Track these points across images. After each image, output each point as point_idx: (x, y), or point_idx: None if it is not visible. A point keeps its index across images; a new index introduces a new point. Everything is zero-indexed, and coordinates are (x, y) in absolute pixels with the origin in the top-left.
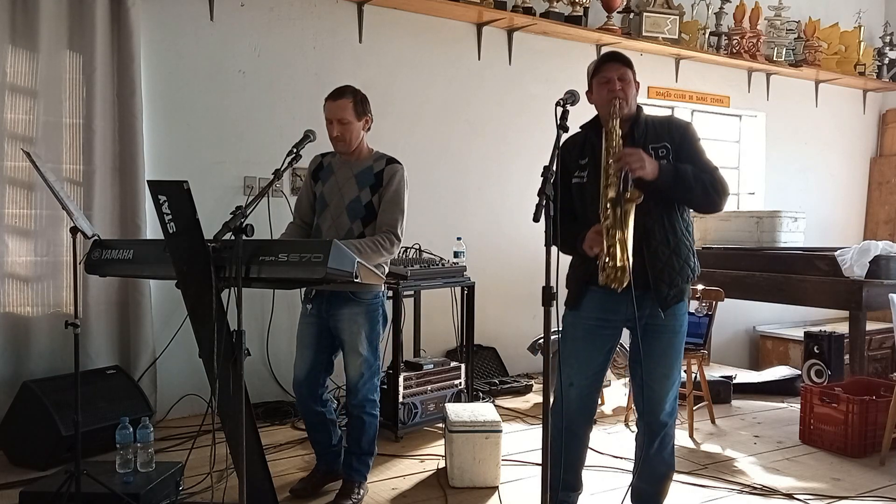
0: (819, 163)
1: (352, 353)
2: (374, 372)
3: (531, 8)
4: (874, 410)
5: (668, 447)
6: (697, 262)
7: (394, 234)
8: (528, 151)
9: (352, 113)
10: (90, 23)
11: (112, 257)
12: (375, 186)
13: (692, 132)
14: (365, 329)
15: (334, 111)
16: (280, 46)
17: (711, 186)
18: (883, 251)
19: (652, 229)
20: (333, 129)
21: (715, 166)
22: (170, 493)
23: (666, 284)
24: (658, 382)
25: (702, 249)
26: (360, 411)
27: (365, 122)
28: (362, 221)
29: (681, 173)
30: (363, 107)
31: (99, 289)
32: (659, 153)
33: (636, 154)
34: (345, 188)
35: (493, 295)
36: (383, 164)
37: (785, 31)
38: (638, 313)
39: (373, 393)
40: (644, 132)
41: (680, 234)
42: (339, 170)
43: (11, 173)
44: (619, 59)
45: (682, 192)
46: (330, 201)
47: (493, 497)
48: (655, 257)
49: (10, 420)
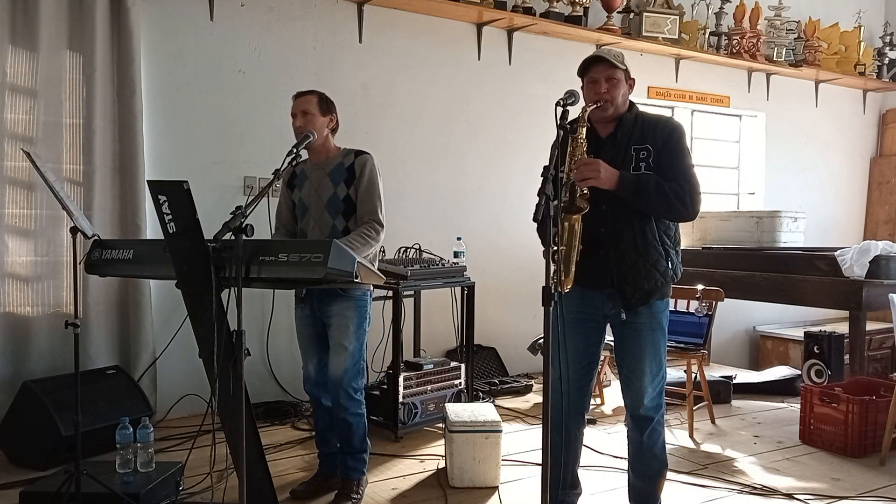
0: (819, 163)
1: (337, 347)
2: (358, 369)
3: (531, 8)
4: (874, 410)
5: (658, 443)
6: (674, 265)
7: (376, 221)
8: (528, 151)
9: (315, 107)
10: (90, 23)
11: (112, 257)
12: (349, 180)
13: (677, 135)
14: (353, 324)
15: (299, 105)
16: (280, 46)
17: (676, 197)
18: (883, 251)
19: (621, 232)
20: (297, 121)
21: (691, 174)
22: (170, 493)
23: (630, 287)
24: (638, 378)
25: (702, 249)
26: (344, 413)
27: (329, 121)
28: (344, 216)
29: (641, 185)
30: (328, 105)
31: (99, 289)
32: (640, 155)
33: (592, 165)
34: (321, 189)
35: (493, 295)
36: (353, 157)
37: (785, 31)
38: (613, 310)
39: (356, 391)
40: (629, 133)
41: (650, 239)
42: (312, 173)
43: (11, 173)
44: (607, 60)
45: (643, 203)
46: (309, 204)
47: (493, 497)
48: (621, 259)
49: (10, 420)
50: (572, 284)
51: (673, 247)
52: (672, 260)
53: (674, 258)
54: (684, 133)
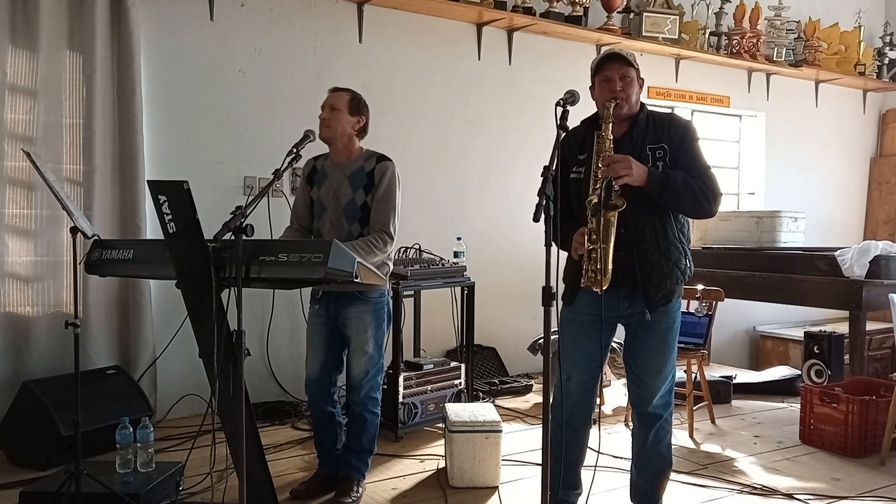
0: (819, 163)
1: (357, 351)
2: (378, 370)
3: (531, 8)
4: (874, 410)
5: (665, 441)
6: (690, 263)
7: (386, 232)
8: (528, 151)
9: (345, 104)
10: (90, 23)
11: (112, 257)
12: (368, 186)
13: (691, 133)
14: (371, 328)
15: (330, 98)
16: (280, 46)
17: (702, 194)
18: (883, 251)
19: (643, 232)
20: (323, 113)
21: (710, 171)
22: (170, 493)
23: (654, 286)
24: (651, 378)
25: (702, 249)
26: (362, 409)
27: (357, 121)
28: (360, 223)
29: (670, 181)
30: (358, 105)
31: (99, 289)
32: (656, 154)
33: (624, 161)
34: (339, 191)
35: (493, 295)
36: (374, 162)
37: (785, 31)
38: (630, 310)
39: (375, 391)
40: (643, 132)
41: (671, 237)
42: (332, 173)
43: (11, 173)
44: (622, 58)
45: (671, 200)
46: (327, 205)
47: (493, 497)
48: (644, 259)
49: (10, 420)
50: (586, 286)
51: (688, 244)
52: (689, 258)
53: (689, 257)
54: (696, 131)
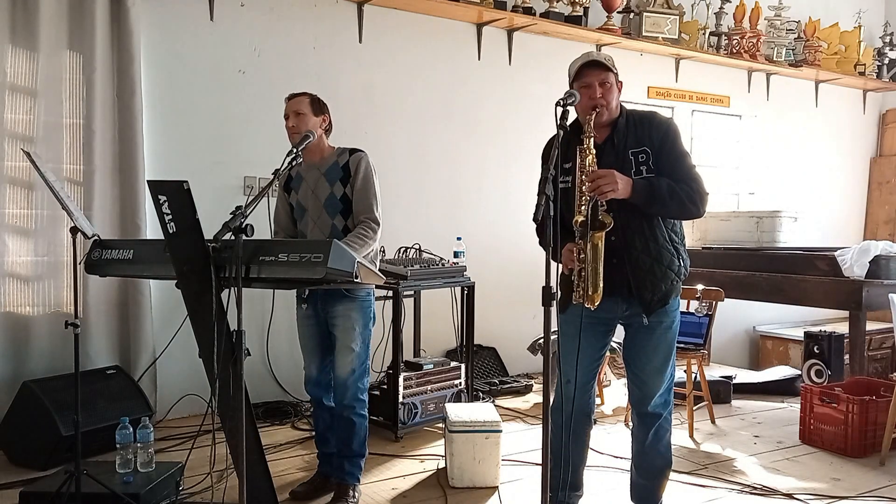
0: (819, 163)
1: (343, 349)
2: (364, 370)
3: (531, 8)
4: (874, 410)
5: (664, 440)
6: (684, 262)
7: (372, 219)
8: (528, 151)
9: (308, 107)
10: (90, 23)
11: (112, 257)
12: (345, 178)
13: (672, 133)
14: (359, 325)
15: (291, 106)
16: (280, 46)
17: (688, 198)
18: (883, 251)
19: (632, 240)
20: (289, 122)
21: (695, 171)
22: (170, 493)
23: (648, 291)
24: (651, 377)
25: (702, 249)
26: (349, 412)
27: (322, 121)
28: (342, 215)
29: (655, 190)
30: (320, 106)
31: (99, 289)
32: (639, 158)
33: (608, 176)
34: (318, 189)
35: (493, 295)
36: (347, 155)
37: (785, 31)
38: (628, 312)
39: (363, 392)
40: (624, 137)
41: (662, 241)
42: (308, 174)
43: (11, 173)
44: (601, 65)
45: (658, 208)
46: (307, 206)
47: (493, 497)
48: (636, 267)
49: (10, 420)
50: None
51: (681, 243)
52: (682, 257)
53: (683, 255)
54: (678, 129)
